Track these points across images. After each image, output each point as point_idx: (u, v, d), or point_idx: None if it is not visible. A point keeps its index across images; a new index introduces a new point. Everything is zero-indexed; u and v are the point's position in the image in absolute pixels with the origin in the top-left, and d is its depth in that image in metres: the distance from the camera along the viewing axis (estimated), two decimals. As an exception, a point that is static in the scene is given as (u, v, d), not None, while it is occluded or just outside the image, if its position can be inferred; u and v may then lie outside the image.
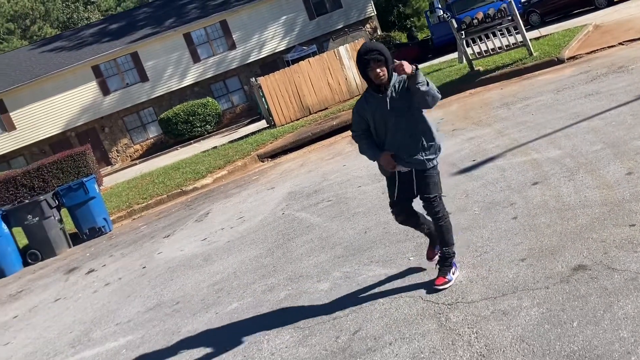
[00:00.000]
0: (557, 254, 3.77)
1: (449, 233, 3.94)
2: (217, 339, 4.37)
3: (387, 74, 3.70)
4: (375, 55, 3.64)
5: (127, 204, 12.55)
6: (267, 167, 12.27)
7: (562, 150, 5.89)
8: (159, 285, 6.37)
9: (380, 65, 3.65)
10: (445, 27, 23.44)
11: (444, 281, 3.86)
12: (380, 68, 3.65)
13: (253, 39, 28.87)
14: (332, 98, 16.53)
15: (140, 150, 28.93)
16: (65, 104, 27.50)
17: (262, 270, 5.58)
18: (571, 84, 9.02)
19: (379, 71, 3.66)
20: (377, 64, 3.64)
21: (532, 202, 4.79)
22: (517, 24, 12.28)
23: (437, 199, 3.88)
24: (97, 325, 5.78)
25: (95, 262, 8.83)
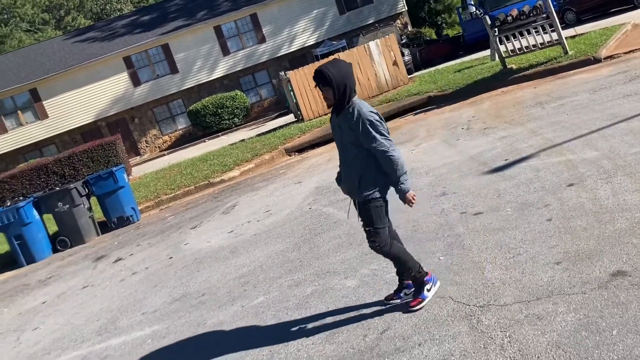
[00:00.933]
0: (595, 258, 3.65)
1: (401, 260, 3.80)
2: (243, 333, 4.35)
3: (331, 98, 3.64)
4: (318, 78, 3.63)
5: (155, 194, 12.66)
6: (294, 161, 12.24)
7: (599, 151, 5.72)
8: (185, 276, 6.39)
9: (325, 89, 3.63)
10: (477, 23, 23.10)
11: (418, 302, 3.78)
12: (325, 92, 3.64)
13: (283, 33, 28.86)
14: (360, 93, 16.40)
15: (168, 141, 29.20)
16: (97, 94, 27.88)
17: (288, 265, 5.55)
18: (608, 84, 8.78)
19: (325, 94, 3.66)
20: (323, 88, 3.64)
21: (568, 204, 4.66)
22: (552, 22, 12.01)
23: (371, 232, 3.73)
24: (123, 313, 5.82)
25: (122, 251, 8.92)
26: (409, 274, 3.82)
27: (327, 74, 3.58)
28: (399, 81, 16.54)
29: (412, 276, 3.82)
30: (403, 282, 3.98)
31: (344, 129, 3.67)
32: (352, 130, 3.61)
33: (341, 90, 3.60)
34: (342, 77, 3.61)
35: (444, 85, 13.90)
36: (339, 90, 3.60)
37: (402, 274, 3.93)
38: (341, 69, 3.63)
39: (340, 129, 3.70)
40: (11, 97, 27.57)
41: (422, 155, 8.39)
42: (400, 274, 3.98)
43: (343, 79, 3.60)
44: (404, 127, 11.79)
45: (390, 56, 16.47)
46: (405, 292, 3.98)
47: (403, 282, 3.98)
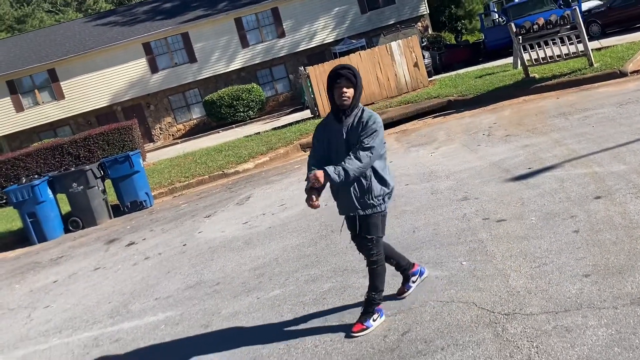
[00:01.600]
0: (626, 273, 3.57)
1: (380, 278, 3.79)
2: (259, 324, 4.30)
3: (350, 98, 3.59)
4: (348, 73, 3.54)
5: (169, 181, 12.65)
6: (310, 157, 12.17)
7: (627, 165, 5.63)
8: (199, 264, 6.36)
9: (349, 89, 3.56)
10: (499, 31, 22.93)
11: (361, 328, 3.73)
12: (347, 91, 3.57)
13: (303, 29, 28.79)
14: (379, 93, 16.33)
15: (182, 130, 29.23)
16: (114, 78, 27.95)
17: (304, 260, 5.49)
18: (636, 98, 8.65)
19: (345, 91, 3.57)
20: (347, 88, 3.56)
21: (595, 217, 4.57)
22: (580, 33, 11.87)
23: (374, 240, 3.73)
24: (136, 298, 5.79)
25: (135, 235, 8.90)
26: (372, 293, 3.79)
27: (356, 73, 3.58)
28: (419, 83, 16.44)
29: (373, 296, 3.79)
30: (407, 273, 4.13)
31: (349, 134, 3.60)
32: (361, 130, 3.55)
33: (359, 93, 3.61)
34: (361, 81, 3.64)
35: (465, 90, 13.79)
36: (358, 92, 3.60)
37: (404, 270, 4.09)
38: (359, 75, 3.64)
39: (343, 134, 3.62)
40: (30, 76, 27.69)
41: (441, 158, 8.31)
42: (402, 269, 4.11)
43: (361, 84, 3.64)
44: (422, 129, 11.71)
45: (411, 57, 16.37)
46: (413, 280, 4.14)
47: (407, 274, 4.14)
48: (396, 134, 12.02)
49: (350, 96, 3.57)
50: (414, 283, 4.15)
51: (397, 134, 12.05)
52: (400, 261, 4.12)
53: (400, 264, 4.12)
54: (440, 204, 6.11)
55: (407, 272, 4.14)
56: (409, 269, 4.14)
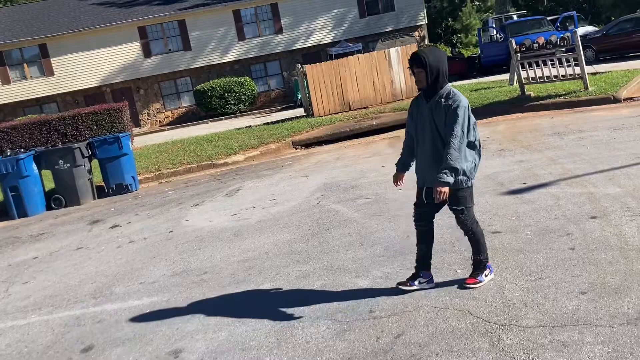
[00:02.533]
0: (622, 293, 3.58)
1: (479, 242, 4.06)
2: (248, 317, 4.24)
3: (424, 80, 3.82)
4: (416, 60, 3.80)
5: (156, 167, 12.50)
6: (301, 155, 12.13)
7: (622, 188, 5.67)
8: (186, 251, 6.27)
9: (418, 71, 3.81)
10: (495, 47, 23.12)
11: (474, 281, 4.04)
12: (418, 74, 3.83)
13: (301, 27, 28.73)
14: (374, 98, 16.34)
15: (170, 117, 28.96)
16: (106, 59, 27.58)
17: (296, 256, 5.44)
18: (629, 124, 8.76)
19: (416, 76, 3.87)
20: (417, 70, 3.82)
21: (591, 236, 4.59)
22: (577, 55, 12.00)
23: (463, 210, 3.98)
24: (120, 280, 5.69)
25: (119, 218, 8.76)
26: (478, 255, 4.05)
27: (422, 56, 3.77)
28: (414, 92, 16.47)
29: (479, 258, 4.05)
30: (419, 271, 4.17)
31: (437, 115, 3.83)
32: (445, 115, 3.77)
33: (434, 74, 3.77)
34: (437, 61, 3.77)
35: (459, 102, 13.83)
36: (432, 74, 3.76)
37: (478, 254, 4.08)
38: (436, 55, 3.80)
39: (431, 112, 3.86)
40: (19, 49, 27.21)
41: (435, 167, 8.31)
42: (425, 261, 4.19)
43: (437, 64, 3.77)
44: (415, 137, 11.71)
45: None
46: (420, 281, 4.16)
47: (419, 271, 4.17)
48: (389, 140, 12.03)
49: (422, 79, 3.80)
50: (420, 284, 4.16)
51: (390, 139, 12.05)
52: (427, 258, 4.20)
53: (425, 259, 4.20)
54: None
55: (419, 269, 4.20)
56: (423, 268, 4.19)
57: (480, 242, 4.05)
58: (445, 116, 3.78)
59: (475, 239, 4.04)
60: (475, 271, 4.09)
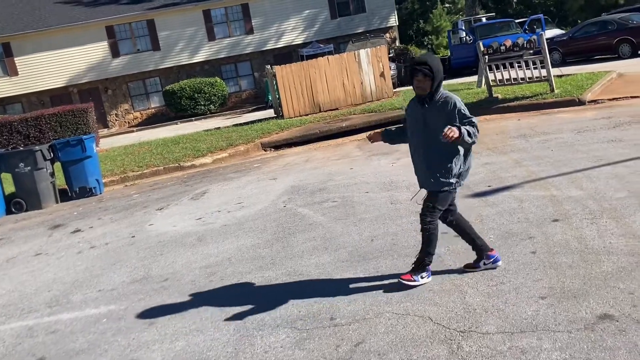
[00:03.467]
0: (580, 298, 3.58)
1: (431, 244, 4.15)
2: (206, 326, 4.14)
3: (427, 89, 3.92)
4: (425, 69, 3.87)
5: (122, 170, 12.26)
6: (270, 157, 12.03)
7: (584, 191, 5.72)
8: (148, 257, 6.12)
9: (425, 79, 3.88)
10: (465, 49, 23.35)
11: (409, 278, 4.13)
12: (424, 82, 3.89)
13: (272, 28, 28.59)
14: (344, 99, 16.31)
15: (139, 118, 28.53)
16: (72, 58, 27.03)
17: (259, 262, 5.35)
18: (593, 127, 8.88)
19: (420, 83, 3.92)
20: (423, 78, 3.89)
21: (552, 239, 4.61)
22: (544, 58, 12.15)
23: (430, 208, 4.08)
24: (78, 288, 5.52)
25: (82, 222, 8.54)
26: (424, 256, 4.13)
27: (432, 65, 3.85)
28: (384, 93, 16.51)
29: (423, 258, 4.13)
30: (482, 253, 4.23)
31: (432, 119, 3.94)
32: (447, 116, 3.86)
33: (437, 81, 3.89)
34: (440, 71, 3.91)
35: (428, 104, 13.89)
36: (437, 81, 3.89)
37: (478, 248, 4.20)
38: (439, 63, 3.93)
39: (427, 119, 3.97)
40: (-19, 48, 26.51)
41: (402, 169, 8.30)
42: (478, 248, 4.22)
43: (440, 73, 3.91)
44: (384, 139, 11.72)
45: (378, 67, 16.43)
46: (484, 262, 4.22)
47: (482, 254, 4.23)
48: (358, 142, 12.00)
49: (426, 87, 3.90)
50: (484, 265, 4.22)
51: (359, 141, 12.03)
52: (477, 241, 4.24)
53: (477, 243, 4.24)
54: (399, 214, 6.07)
55: (481, 252, 4.23)
56: (485, 251, 4.23)
57: (432, 244, 4.14)
58: (449, 117, 3.87)
59: (429, 238, 4.13)
60: (415, 270, 4.16)
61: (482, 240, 4.26)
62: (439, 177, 4.00)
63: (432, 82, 3.87)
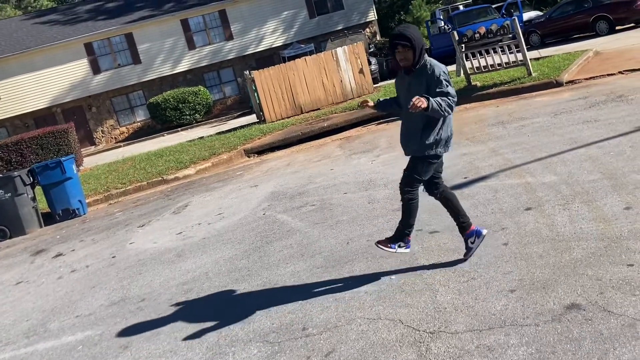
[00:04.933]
0: (549, 288, 3.55)
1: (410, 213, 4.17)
2: (180, 346, 4.08)
3: (412, 58, 3.88)
4: (404, 40, 3.84)
5: (105, 188, 12.19)
6: (253, 163, 11.98)
7: (557, 176, 5.69)
8: (127, 278, 6.06)
9: (405, 50, 3.86)
10: (445, 38, 23.27)
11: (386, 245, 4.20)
12: (405, 53, 3.87)
13: (251, 32, 28.53)
14: (325, 99, 16.27)
15: (126, 133, 28.45)
16: (54, 79, 26.93)
17: (235, 274, 5.30)
18: (569, 108, 8.86)
19: (401, 55, 3.90)
20: (404, 50, 3.86)
21: (525, 229, 4.57)
22: (518, 42, 12.12)
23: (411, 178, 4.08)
24: (56, 315, 5.46)
25: (64, 245, 8.48)
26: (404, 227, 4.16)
27: (409, 35, 3.82)
28: (364, 90, 16.46)
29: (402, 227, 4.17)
30: (464, 235, 4.25)
31: (415, 86, 3.91)
32: (427, 83, 3.85)
33: (419, 50, 3.84)
34: (419, 38, 3.86)
35: (409, 97, 13.86)
36: (418, 50, 3.84)
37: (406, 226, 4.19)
38: (417, 32, 3.88)
39: (411, 86, 3.95)
40: (-39, 75, 26.37)
41: (381, 166, 8.27)
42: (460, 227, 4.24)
43: (420, 40, 3.85)
44: (365, 136, 11.68)
45: (357, 64, 16.39)
46: (470, 242, 4.23)
47: (464, 236, 4.25)
48: (340, 141, 11.96)
49: (409, 57, 3.86)
50: (473, 244, 4.21)
51: (340, 140, 11.99)
52: (461, 218, 4.24)
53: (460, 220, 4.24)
54: (376, 214, 6.03)
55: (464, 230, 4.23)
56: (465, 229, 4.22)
57: (412, 215, 4.15)
58: (428, 83, 3.85)
59: (408, 208, 4.14)
60: (393, 238, 4.20)
61: (465, 218, 4.26)
62: (418, 143, 3.99)
63: (413, 51, 3.84)
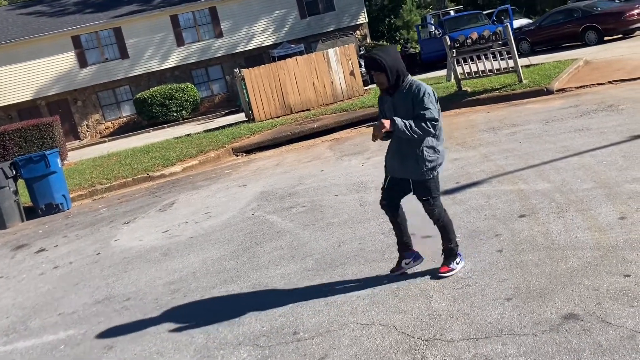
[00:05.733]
0: (546, 297, 3.50)
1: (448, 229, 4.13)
2: (167, 348, 3.97)
3: (386, 82, 3.88)
4: (374, 65, 3.87)
5: (90, 183, 11.98)
6: (241, 162, 11.85)
7: (551, 183, 5.66)
8: (111, 276, 5.93)
9: (378, 74, 3.89)
10: (435, 43, 23.34)
11: (447, 270, 4.09)
12: (378, 76, 3.89)
13: (241, 30, 28.36)
14: (315, 100, 16.19)
15: (111, 128, 28.11)
16: (39, 71, 26.52)
17: (224, 275, 5.19)
18: (560, 116, 8.87)
19: (376, 78, 3.93)
20: (376, 74, 3.90)
21: (519, 236, 4.53)
22: (510, 49, 12.15)
23: (430, 201, 4.05)
24: (37, 312, 5.31)
25: (47, 241, 8.30)
26: (448, 244, 4.12)
27: (379, 59, 3.80)
28: (354, 92, 16.41)
29: (450, 246, 4.12)
30: (403, 253, 4.27)
31: (400, 107, 3.88)
32: (412, 104, 3.80)
33: (394, 73, 3.82)
34: (394, 61, 3.82)
35: (399, 100, 13.83)
36: (392, 73, 3.81)
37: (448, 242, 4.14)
38: (391, 54, 3.84)
39: (396, 107, 3.91)
40: (-56, 64, 25.86)
41: (372, 169, 8.20)
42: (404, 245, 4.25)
43: (395, 63, 3.81)
44: (355, 138, 11.62)
45: (348, 66, 16.33)
46: (405, 262, 4.25)
47: (403, 254, 4.27)
48: (330, 142, 11.88)
49: (383, 80, 3.87)
50: (407, 265, 4.24)
51: (330, 142, 11.91)
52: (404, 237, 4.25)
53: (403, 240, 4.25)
54: (367, 216, 5.96)
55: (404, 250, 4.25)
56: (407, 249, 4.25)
57: (448, 230, 4.12)
58: (413, 104, 3.82)
59: (443, 226, 4.11)
60: (447, 259, 4.14)
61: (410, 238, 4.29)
62: (416, 166, 3.96)
63: (386, 75, 3.82)
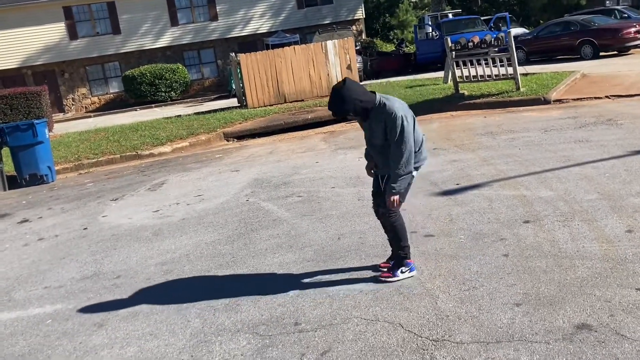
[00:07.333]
0: (557, 305, 3.43)
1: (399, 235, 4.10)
2: (161, 329, 3.84)
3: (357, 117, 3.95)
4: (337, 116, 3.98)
5: (76, 157, 11.71)
6: (232, 148, 11.68)
7: (554, 192, 5.62)
8: (100, 252, 5.75)
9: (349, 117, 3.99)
10: (430, 45, 23.34)
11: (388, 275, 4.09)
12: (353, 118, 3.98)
13: (237, 15, 28.04)
14: (310, 91, 16.04)
15: (97, 103, 27.61)
16: (27, 39, 25.90)
17: (219, 259, 5.06)
18: (559, 126, 8.87)
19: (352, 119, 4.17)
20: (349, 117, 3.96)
21: (525, 242, 4.47)
22: (510, 56, 12.13)
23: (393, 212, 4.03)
24: (21, 284, 5.13)
25: (31, 212, 8.06)
26: (397, 250, 4.10)
27: (340, 111, 3.81)
28: (349, 86, 16.28)
29: (397, 253, 4.10)
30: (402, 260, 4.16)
31: (374, 127, 3.89)
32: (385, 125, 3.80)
33: (357, 109, 3.81)
34: (352, 100, 3.75)
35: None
36: (356, 111, 3.82)
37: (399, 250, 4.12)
38: (344, 97, 3.75)
39: (372, 127, 3.92)
40: None
41: (369, 164, 8.10)
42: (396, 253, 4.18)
43: (353, 102, 3.76)
44: (350, 132, 11.52)
45: (345, 59, 16.21)
46: (402, 270, 4.12)
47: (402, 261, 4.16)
48: (324, 135, 11.77)
49: (352, 118, 3.97)
50: (402, 274, 4.10)
51: (324, 134, 11.80)
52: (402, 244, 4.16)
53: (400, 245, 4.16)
54: (366, 211, 5.85)
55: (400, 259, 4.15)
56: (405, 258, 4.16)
57: (400, 237, 4.08)
58: (385, 125, 3.81)
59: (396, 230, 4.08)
60: (394, 267, 4.12)
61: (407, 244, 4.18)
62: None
63: (355, 113, 3.84)
